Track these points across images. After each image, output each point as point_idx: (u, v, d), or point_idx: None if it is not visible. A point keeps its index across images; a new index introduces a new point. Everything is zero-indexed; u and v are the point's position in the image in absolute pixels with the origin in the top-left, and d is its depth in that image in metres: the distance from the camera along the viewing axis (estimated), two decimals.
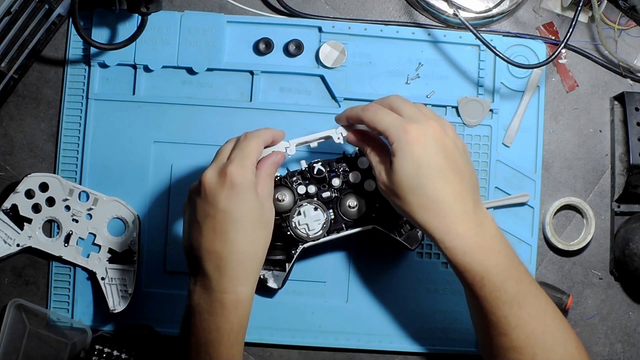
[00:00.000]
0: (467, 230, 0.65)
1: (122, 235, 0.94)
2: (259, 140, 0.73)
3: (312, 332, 0.94)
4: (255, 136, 0.73)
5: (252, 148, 0.72)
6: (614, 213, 0.96)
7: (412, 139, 0.66)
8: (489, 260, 0.65)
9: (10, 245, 0.93)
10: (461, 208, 0.66)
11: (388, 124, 0.69)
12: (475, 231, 0.66)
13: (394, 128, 0.68)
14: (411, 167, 0.66)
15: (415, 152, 0.66)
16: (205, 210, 0.70)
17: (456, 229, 0.65)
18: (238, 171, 0.69)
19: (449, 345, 0.94)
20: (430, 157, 0.66)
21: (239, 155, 0.71)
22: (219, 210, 0.70)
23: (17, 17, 0.88)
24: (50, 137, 0.96)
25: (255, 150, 0.72)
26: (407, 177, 0.67)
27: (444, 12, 0.95)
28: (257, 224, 0.70)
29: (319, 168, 0.89)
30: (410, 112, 0.70)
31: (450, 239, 0.66)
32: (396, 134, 0.67)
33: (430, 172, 0.66)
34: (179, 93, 0.96)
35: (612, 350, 0.96)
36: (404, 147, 0.67)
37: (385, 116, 0.70)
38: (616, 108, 0.96)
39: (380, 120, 0.70)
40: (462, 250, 0.65)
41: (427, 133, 0.67)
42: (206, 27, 0.95)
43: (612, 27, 0.96)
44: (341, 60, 0.95)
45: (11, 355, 0.91)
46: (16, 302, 0.91)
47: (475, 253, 0.65)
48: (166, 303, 0.94)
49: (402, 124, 0.68)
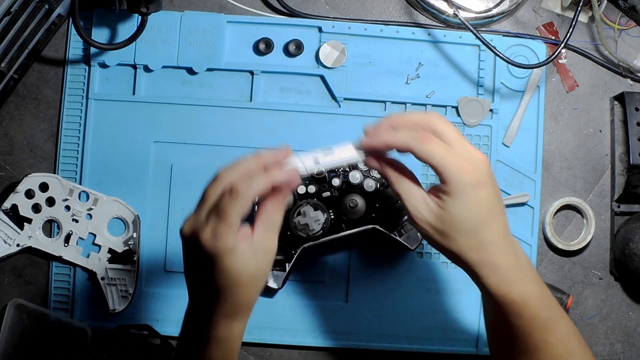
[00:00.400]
0: (508, 263, 0.63)
1: (122, 235, 0.94)
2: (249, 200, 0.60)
3: (312, 332, 0.94)
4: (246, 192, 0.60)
5: (232, 205, 0.60)
6: (614, 213, 0.96)
7: (473, 180, 0.61)
8: (527, 290, 0.63)
9: (10, 245, 0.93)
10: (504, 243, 0.64)
11: (443, 161, 0.61)
12: (514, 262, 0.63)
13: (452, 166, 0.61)
14: (470, 210, 0.61)
15: (475, 195, 0.61)
16: (188, 258, 0.64)
17: (500, 264, 0.63)
18: (209, 241, 0.60)
19: (449, 345, 0.94)
20: (486, 199, 0.62)
21: (214, 218, 0.60)
22: (199, 266, 0.63)
23: (17, 17, 0.88)
24: (50, 137, 0.96)
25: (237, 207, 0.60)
26: (464, 219, 0.62)
27: (444, 12, 0.95)
28: (245, 281, 0.62)
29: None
30: (458, 142, 0.63)
31: (493, 274, 0.63)
32: (455, 175, 0.61)
33: (486, 215, 0.62)
34: (179, 93, 0.96)
35: (612, 350, 0.96)
36: (465, 190, 0.61)
37: (440, 150, 0.61)
38: (616, 108, 0.96)
39: (434, 154, 0.61)
40: (505, 284, 0.62)
41: (482, 172, 0.62)
42: (206, 27, 0.95)
43: (612, 27, 0.96)
44: (341, 60, 0.95)
45: (11, 355, 0.91)
46: (16, 302, 0.91)
47: (516, 285, 0.63)
48: (166, 303, 0.94)
49: (460, 161, 0.61)
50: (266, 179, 0.61)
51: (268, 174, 0.61)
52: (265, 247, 0.63)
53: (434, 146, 0.61)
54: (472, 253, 0.62)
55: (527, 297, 0.63)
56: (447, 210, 0.62)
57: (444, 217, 0.62)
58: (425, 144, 0.61)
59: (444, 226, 0.62)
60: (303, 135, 0.95)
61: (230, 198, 0.59)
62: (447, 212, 0.62)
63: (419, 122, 0.63)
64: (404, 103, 0.96)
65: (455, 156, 0.61)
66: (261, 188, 0.60)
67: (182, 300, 0.93)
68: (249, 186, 0.60)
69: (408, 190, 0.64)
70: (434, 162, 0.61)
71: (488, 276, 0.63)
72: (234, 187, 0.60)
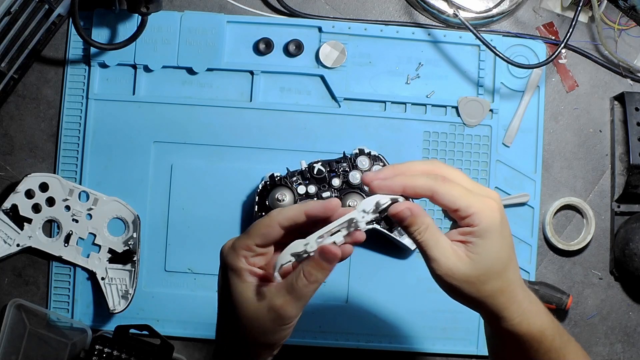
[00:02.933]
0: (524, 297, 0.61)
1: (122, 235, 0.94)
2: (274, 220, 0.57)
3: (312, 332, 0.94)
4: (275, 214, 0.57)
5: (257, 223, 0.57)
6: (614, 213, 0.96)
7: (499, 217, 0.57)
8: (544, 322, 0.61)
9: (10, 245, 0.93)
10: (520, 278, 0.61)
11: (469, 202, 0.57)
12: (528, 295, 0.61)
13: (479, 207, 0.57)
14: (501, 249, 0.58)
15: (502, 233, 0.58)
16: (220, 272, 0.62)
17: (521, 301, 0.60)
18: (225, 250, 0.58)
19: (449, 345, 0.94)
20: (510, 236, 0.59)
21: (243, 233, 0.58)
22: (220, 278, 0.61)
23: (17, 17, 0.88)
24: (50, 137, 0.96)
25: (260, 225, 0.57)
26: (496, 260, 0.58)
27: (444, 12, 0.95)
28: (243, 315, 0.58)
29: (319, 168, 0.89)
30: (471, 183, 0.59)
31: (517, 313, 0.60)
32: (483, 215, 0.57)
33: (511, 252, 0.59)
34: (179, 93, 0.96)
35: (612, 350, 0.96)
36: (494, 230, 0.57)
37: (462, 191, 0.57)
38: (616, 108, 0.96)
39: (458, 196, 0.57)
40: (526, 320, 0.60)
41: (502, 209, 0.58)
42: (206, 27, 0.95)
43: (612, 27, 0.96)
44: (341, 60, 0.95)
45: (11, 355, 0.91)
46: (16, 302, 0.91)
47: (534, 318, 0.60)
48: (166, 303, 0.94)
49: (484, 201, 0.57)
50: (299, 207, 0.57)
51: (302, 204, 0.57)
52: (275, 304, 0.57)
53: (456, 187, 0.57)
54: (502, 295, 0.59)
55: (544, 329, 0.62)
56: (479, 253, 0.57)
57: (475, 261, 0.57)
58: (445, 185, 0.57)
59: (477, 271, 0.58)
60: (303, 135, 0.95)
61: (259, 219, 0.58)
62: (479, 255, 0.57)
63: (428, 169, 0.59)
64: (404, 103, 0.96)
65: (477, 197, 0.57)
66: (292, 214, 0.57)
67: (182, 300, 0.94)
68: (281, 211, 0.57)
69: (435, 238, 0.58)
70: (459, 204, 0.57)
71: (512, 316, 0.60)
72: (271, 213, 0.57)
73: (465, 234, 0.58)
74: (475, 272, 0.58)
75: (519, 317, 0.60)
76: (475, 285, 0.58)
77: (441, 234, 0.58)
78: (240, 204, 0.95)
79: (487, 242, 0.57)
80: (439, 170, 0.59)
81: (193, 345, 0.95)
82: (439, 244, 0.58)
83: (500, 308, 0.60)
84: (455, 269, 0.57)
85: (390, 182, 0.57)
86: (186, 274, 0.95)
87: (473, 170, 0.95)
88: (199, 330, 0.94)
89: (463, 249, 0.58)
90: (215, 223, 0.94)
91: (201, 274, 0.95)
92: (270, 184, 0.89)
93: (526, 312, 0.60)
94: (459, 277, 0.58)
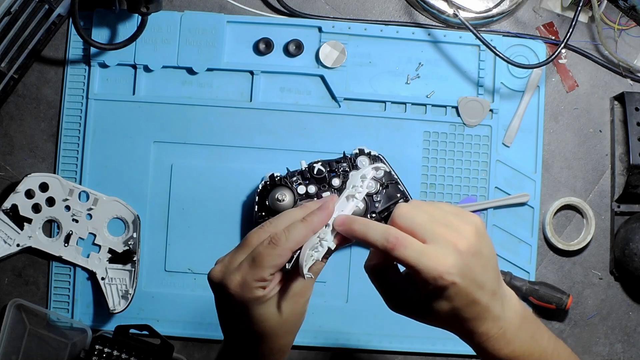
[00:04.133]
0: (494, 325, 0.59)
1: (122, 235, 0.94)
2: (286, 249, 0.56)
3: (312, 332, 0.94)
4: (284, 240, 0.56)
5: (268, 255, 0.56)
6: (614, 213, 0.96)
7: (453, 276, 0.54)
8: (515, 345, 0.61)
9: (10, 245, 0.93)
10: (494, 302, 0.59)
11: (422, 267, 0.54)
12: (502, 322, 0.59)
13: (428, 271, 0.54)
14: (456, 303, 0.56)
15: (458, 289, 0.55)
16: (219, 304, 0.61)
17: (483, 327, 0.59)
18: (238, 291, 0.57)
19: (449, 345, 0.94)
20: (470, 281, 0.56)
21: (246, 265, 0.56)
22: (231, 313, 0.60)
23: (17, 17, 0.88)
24: (50, 137, 0.96)
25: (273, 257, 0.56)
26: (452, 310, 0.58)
27: (444, 12, 0.95)
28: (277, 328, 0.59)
29: (319, 168, 0.89)
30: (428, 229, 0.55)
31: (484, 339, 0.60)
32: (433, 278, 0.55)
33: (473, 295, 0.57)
34: (179, 93, 0.96)
35: (612, 350, 0.96)
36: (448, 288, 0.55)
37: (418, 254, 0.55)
38: (616, 108, 0.96)
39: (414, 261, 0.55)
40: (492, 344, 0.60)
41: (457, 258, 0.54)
42: (206, 27, 0.95)
43: (612, 27, 0.96)
44: (341, 60, 0.95)
45: (11, 355, 0.91)
46: (16, 302, 0.91)
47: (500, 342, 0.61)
48: (166, 303, 0.94)
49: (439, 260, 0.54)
50: (305, 227, 0.56)
51: (307, 222, 0.57)
52: (300, 294, 0.59)
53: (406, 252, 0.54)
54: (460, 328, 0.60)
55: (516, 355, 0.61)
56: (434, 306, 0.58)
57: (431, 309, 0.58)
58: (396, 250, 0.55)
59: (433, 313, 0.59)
60: (303, 135, 0.95)
61: (267, 246, 0.56)
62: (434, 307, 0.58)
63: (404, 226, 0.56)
64: (404, 103, 0.96)
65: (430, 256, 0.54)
66: (301, 238, 0.56)
67: (182, 300, 0.94)
68: (288, 236, 0.56)
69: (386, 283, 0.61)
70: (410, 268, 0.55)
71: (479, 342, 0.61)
72: (274, 236, 0.56)
73: None
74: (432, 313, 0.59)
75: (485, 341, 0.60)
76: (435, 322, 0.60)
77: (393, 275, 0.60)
78: (240, 204, 0.95)
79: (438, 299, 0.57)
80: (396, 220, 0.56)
81: (193, 345, 0.95)
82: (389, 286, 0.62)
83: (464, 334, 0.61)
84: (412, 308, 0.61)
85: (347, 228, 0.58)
86: (186, 274, 0.95)
87: (473, 170, 0.95)
88: (199, 330, 0.94)
89: None
90: (215, 223, 0.94)
91: (201, 274, 0.95)
92: (270, 184, 0.89)
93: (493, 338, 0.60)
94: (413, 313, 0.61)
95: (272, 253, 0.55)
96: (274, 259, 0.55)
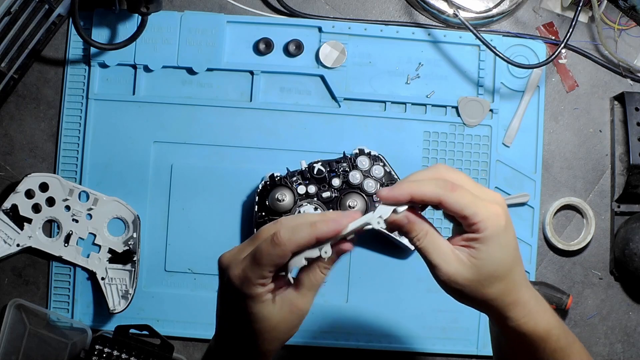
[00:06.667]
0: (530, 297, 0.61)
1: (122, 235, 0.94)
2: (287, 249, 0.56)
3: (312, 332, 0.94)
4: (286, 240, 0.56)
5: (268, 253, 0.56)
6: (614, 213, 0.96)
7: (504, 223, 0.58)
8: (550, 321, 0.62)
9: (10, 245, 0.93)
10: (526, 279, 0.62)
11: (475, 208, 0.57)
12: (534, 295, 0.62)
13: (485, 213, 0.57)
14: (505, 253, 0.58)
15: (507, 238, 0.58)
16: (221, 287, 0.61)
17: (527, 300, 0.61)
18: (237, 282, 0.57)
19: (449, 345, 0.94)
20: (514, 239, 0.59)
21: (248, 259, 0.57)
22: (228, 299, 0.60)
23: (17, 17, 0.88)
24: (50, 137, 0.96)
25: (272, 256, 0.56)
26: (500, 264, 0.59)
27: (444, 12, 0.95)
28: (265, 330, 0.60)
29: (319, 168, 0.89)
30: (477, 187, 0.59)
31: (522, 312, 0.61)
32: (489, 221, 0.57)
33: (516, 254, 0.60)
34: (179, 93, 0.96)
35: (612, 350, 0.96)
36: (499, 235, 0.57)
37: (469, 197, 0.57)
38: (616, 108, 0.96)
39: (465, 203, 0.57)
40: (532, 319, 0.61)
41: (507, 212, 0.59)
42: (206, 27, 0.95)
43: (612, 27, 0.96)
44: (341, 60, 0.95)
45: (11, 355, 0.91)
46: (16, 302, 0.91)
47: (540, 318, 0.61)
48: (166, 303, 0.94)
49: (490, 207, 0.58)
50: (310, 232, 0.56)
51: (314, 227, 0.56)
52: (296, 304, 0.59)
53: (463, 194, 0.57)
54: (507, 296, 0.60)
55: (549, 328, 0.62)
56: (482, 258, 0.58)
57: (478, 266, 0.58)
58: (454, 192, 0.57)
59: (479, 276, 0.58)
60: (303, 135, 0.95)
61: (268, 244, 0.56)
62: (482, 260, 0.58)
63: (434, 175, 0.59)
64: (404, 103, 0.96)
65: (483, 204, 0.58)
66: (303, 241, 0.56)
67: (182, 300, 0.94)
68: (291, 237, 0.55)
69: (435, 244, 0.59)
70: (466, 212, 0.57)
71: (518, 316, 0.61)
72: (277, 234, 0.55)
73: (469, 239, 0.58)
74: (478, 276, 0.58)
75: (525, 317, 0.61)
76: (479, 289, 0.59)
77: (441, 240, 0.59)
78: (240, 204, 0.95)
79: (490, 248, 0.58)
80: (445, 175, 0.59)
81: (193, 345, 0.95)
82: (439, 249, 0.58)
83: (505, 309, 0.60)
84: (458, 274, 0.58)
85: (398, 191, 0.57)
86: (186, 274, 0.95)
87: (473, 170, 0.95)
88: (199, 330, 0.94)
89: (466, 254, 0.58)
90: (215, 223, 0.94)
91: (201, 274, 0.95)
92: (270, 184, 0.89)
93: (532, 312, 0.61)
94: (461, 281, 0.58)
95: (272, 252, 0.55)
96: (273, 258, 0.55)
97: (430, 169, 0.60)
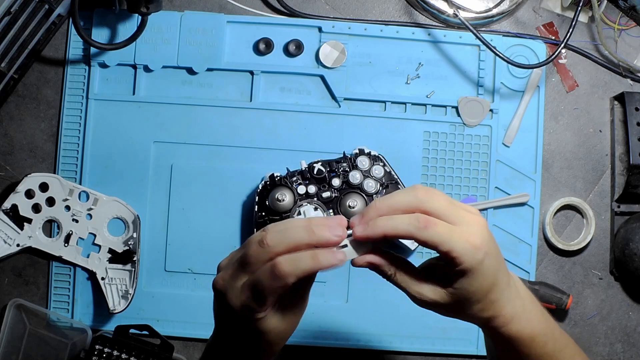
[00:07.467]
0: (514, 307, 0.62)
1: (122, 235, 0.94)
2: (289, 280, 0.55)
3: (312, 332, 0.94)
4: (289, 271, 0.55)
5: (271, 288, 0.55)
6: (614, 213, 0.96)
7: (482, 253, 0.57)
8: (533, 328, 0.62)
9: (10, 245, 0.93)
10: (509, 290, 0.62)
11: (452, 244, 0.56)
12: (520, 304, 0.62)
13: (462, 249, 0.56)
14: (482, 281, 0.58)
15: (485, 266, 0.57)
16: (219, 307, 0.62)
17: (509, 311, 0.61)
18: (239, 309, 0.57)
19: (449, 345, 0.94)
20: (494, 264, 0.59)
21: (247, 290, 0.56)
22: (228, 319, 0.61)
23: (17, 17, 0.88)
24: (50, 137, 0.96)
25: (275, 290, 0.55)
26: (476, 291, 0.59)
27: (444, 12, 0.95)
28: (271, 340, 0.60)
29: (319, 168, 0.89)
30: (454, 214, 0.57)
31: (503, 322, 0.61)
32: (467, 257, 0.56)
33: (495, 277, 0.59)
34: (179, 93, 0.96)
35: (612, 350, 0.96)
36: (475, 268, 0.57)
37: (444, 231, 0.56)
38: (616, 108, 0.96)
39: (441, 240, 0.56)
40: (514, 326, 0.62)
41: (486, 238, 0.57)
42: (206, 27, 0.95)
43: (612, 27, 0.96)
44: (341, 60, 0.95)
45: (11, 355, 0.91)
46: (16, 302, 0.91)
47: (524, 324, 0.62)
48: (166, 303, 0.94)
49: (467, 239, 0.56)
50: (312, 262, 0.55)
51: (315, 257, 0.56)
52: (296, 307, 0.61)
53: (437, 230, 0.56)
54: (485, 312, 0.61)
55: (534, 335, 0.63)
56: (458, 288, 0.59)
57: (454, 294, 0.59)
58: (428, 229, 0.56)
59: (455, 302, 0.60)
60: (303, 135, 0.95)
61: (270, 278, 0.55)
62: (458, 289, 0.59)
63: (409, 204, 0.57)
64: (404, 103, 0.96)
65: (460, 235, 0.56)
66: (305, 272, 0.55)
67: (182, 300, 0.94)
68: (294, 270, 0.54)
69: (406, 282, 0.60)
70: (441, 248, 0.56)
71: (499, 325, 0.62)
72: (278, 267, 0.54)
73: (412, 267, 0.60)
74: (454, 301, 0.60)
75: (506, 325, 0.62)
76: (456, 310, 0.61)
77: (413, 271, 0.60)
78: (240, 204, 0.95)
79: (466, 280, 0.58)
80: (421, 204, 0.57)
81: (193, 345, 0.95)
82: (412, 283, 0.60)
83: (485, 321, 0.62)
84: (433, 302, 0.60)
85: (372, 231, 0.58)
86: (186, 274, 0.95)
87: (473, 170, 0.95)
88: (199, 330, 0.94)
89: (436, 283, 0.60)
90: (215, 223, 0.94)
91: (201, 274, 0.95)
92: (270, 184, 0.89)
93: (514, 320, 0.61)
94: (436, 307, 0.61)
95: (274, 285, 0.55)
96: (276, 290, 0.55)
97: (407, 190, 0.58)
